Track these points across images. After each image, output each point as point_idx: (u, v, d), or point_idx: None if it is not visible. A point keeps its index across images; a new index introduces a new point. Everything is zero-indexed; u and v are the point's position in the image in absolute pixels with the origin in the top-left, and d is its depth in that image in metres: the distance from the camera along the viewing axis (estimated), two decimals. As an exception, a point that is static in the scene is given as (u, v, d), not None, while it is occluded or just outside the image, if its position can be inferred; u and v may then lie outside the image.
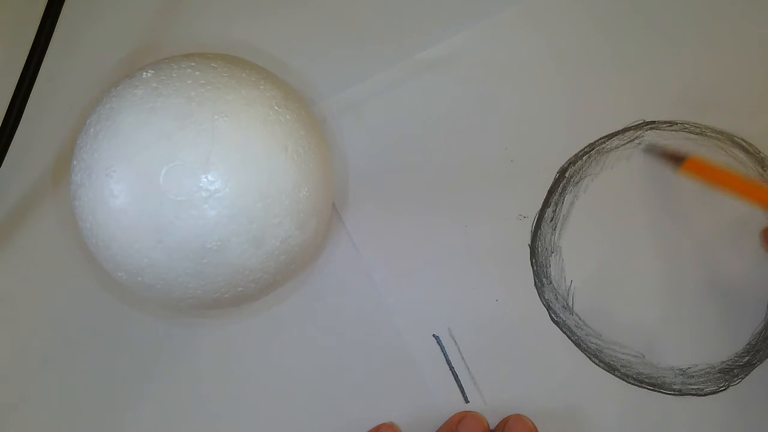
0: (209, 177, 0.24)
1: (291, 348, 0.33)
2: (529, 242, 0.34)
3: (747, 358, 0.33)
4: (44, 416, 0.33)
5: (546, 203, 0.34)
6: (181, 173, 0.24)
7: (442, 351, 0.33)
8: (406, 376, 0.33)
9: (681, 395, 0.33)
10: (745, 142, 0.35)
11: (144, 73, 0.26)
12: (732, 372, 0.33)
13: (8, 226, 0.34)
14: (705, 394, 0.33)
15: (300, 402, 0.33)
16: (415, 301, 0.34)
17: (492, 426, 0.33)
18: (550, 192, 0.34)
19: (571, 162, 0.35)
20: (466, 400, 0.33)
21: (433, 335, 0.34)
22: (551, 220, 0.34)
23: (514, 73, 0.35)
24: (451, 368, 0.33)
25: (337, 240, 0.34)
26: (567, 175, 0.35)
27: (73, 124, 0.34)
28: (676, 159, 0.33)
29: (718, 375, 0.33)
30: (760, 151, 0.35)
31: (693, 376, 0.33)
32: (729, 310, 0.34)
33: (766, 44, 0.35)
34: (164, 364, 0.33)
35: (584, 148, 0.35)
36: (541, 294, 0.34)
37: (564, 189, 0.34)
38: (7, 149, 0.31)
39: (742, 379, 0.33)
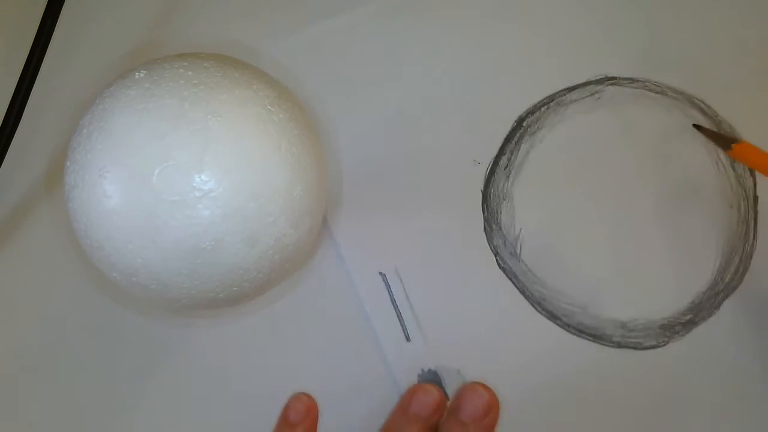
0: (203, 177, 0.24)
1: (287, 347, 0.33)
2: (482, 188, 0.34)
3: (689, 317, 0.34)
4: (41, 417, 0.33)
5: (501, 151, 0.35)
6: (175, 173, 0.24)
7: (387, 289, 0.34)
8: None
9: (620, 348, 0.34)
10: (704, 104, 0.35)
11: (136, 74, 0.26)
12: (673, 329, 0.34)
13: (3, 228, 0.34)
14: (644, 348, 0.34)
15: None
16: (364, 239, 0.34)
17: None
18: (507, 140, 0.35)
19: (530, 112, 0.35)
20: (408, 339, 0.34)
21: (380, 273, 0.34)
22: (505, 168, 0.34)
23: (479, 18, 0.35)
24: (395, 306, 0.34)
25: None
26: (524, 124, 0.35)
27: (67, 125, 0.33)
28: (726, 141, 0.33)
29: (659, 331, 0.34)
30: (717, 114, 0.35)
31: (633, 330, 0.34)
32: (676, 268, 0.34)
33: (730, 8, 0.35)
34: (159, 364, 0.33)
35: (543, 99, 0.35)
36: (489, 239, 0.34)
37: (520, 138, 0.35)
38: (7, 149, 0.31)
39: (683, 336, 0.34)
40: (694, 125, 0.34)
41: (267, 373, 0.33)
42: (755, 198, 0.34)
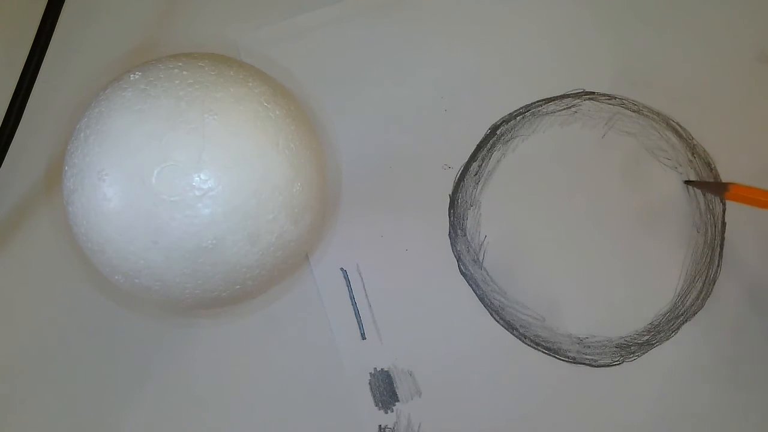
0: (202, 176, 0.24)
1: (287, 346, 0.33)
2: (450, 192, 0.34)
3: (647, 338, 0.34)
4: (41, 417, 0.33)
5: (473, 157, 0.34)
6: (174, 173, 0.24)
7: (347, 285, 0.34)
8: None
9: (574, 363, 0.33)
10: (680, 126, 0.35)
11: (131, 76, 0.26)
12: (629, 348, 0.34)
13: (3, 233, 0.34)
14: (598, 366, 0.33)
15: (297, 400, 0.33)
16: (328, 234, 0.34)
17: None
18: (479, 147, 0.35)
19: (505, 120, 0.35)
20: (363, 337, 0.33)
21: (341, 269, 0.34)
22: (475, 174, 0.34)
23: (464, 25, 0.35)
24: (354, 303, 0.34)
25: (332, 236, 0.34)
26: (498, 132, 0.35)
27: (67, 125, 0.34)
28: (719, 187, 0.33)
29: (615, 349, 0.34)
30: (692, 138, 0.35)
31: (589, 347, 0.34)
32: (637, 288, 0.34)
33: (709, 33, 0.35)
34: (159, 364, 0.33)
35: (520, 109, 0.35)
36: (453, 245, 0.34)
37: (493, 146, 0.35)
38: (7, 149, 0.31)
39: (639, 357, 0.34)
40: (685, 182, 0.34)
41: (267, 373, 0.33)
42: (723, 224, 0.34)
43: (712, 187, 0.34)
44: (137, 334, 0.33)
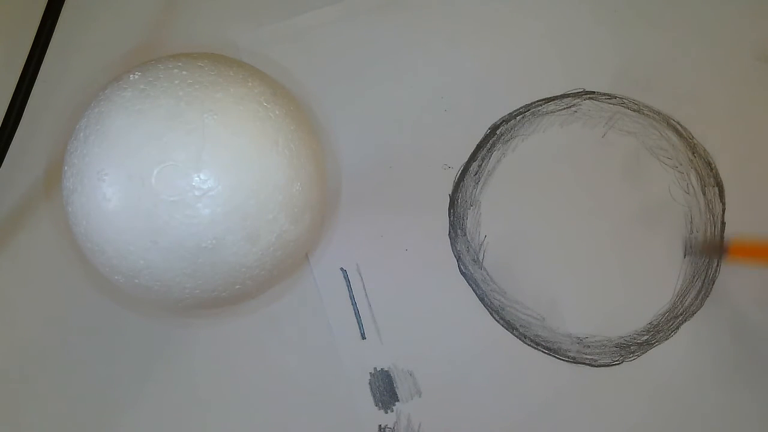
0: (201, 176, 0.24)
1: (287, 346, 0.33)
2: (450, 192, 0.34)
3: (646, 337, 0.34)
4: (41, 417, 0.33)
5: (473, 157, 0.34)
6: (173, 173, 0.24)
7: (347, 284, 0.34)
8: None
9: (574, 363, 0.33)
10: (680, 125, 0.35)
11: (131, 76, 0.26)
12: (629, 348, 0.34)
13: (3, 233, 0.34)
14: (598, 366, 0.33)
15: (296, 400, 0.33)
16: (329, 235, 0.34)
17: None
18: (479, 146, 0.35)
19: (504, 120, 0.35)
20: (363, 337, 0.34)
21: (341, 268, 0.34)
22: (475, 174, 0.34)
23: (464, 25, 0.35)
24: (353, 303, 0.34)
25: (332, 236, 0.34)
26: (498, 132, 0.35)
27: (67, 125, 0.34)
28: (719, 247, 0.33)
29: (614, 349, 0.34)
30: (693, 137, 0.35)
31: (589, 346, 0.34)
32: (636, 288, 0.34)
33: (709, 33, 0.35)
34: (161, 364, 0.33)
35: (519, 108, 0.35)
36: (453, 244, 0.34)
37: (493, 145, 0.35)
38: (7, 150, 0.31)
39: (638, 356, 0.34)
40: (686, 251, 0.34)
41: (267, 373, 0.33)
42: (723, 224, 0.34)
43: (712, 247, 0.34)
44: (137, 334, 0.33)
